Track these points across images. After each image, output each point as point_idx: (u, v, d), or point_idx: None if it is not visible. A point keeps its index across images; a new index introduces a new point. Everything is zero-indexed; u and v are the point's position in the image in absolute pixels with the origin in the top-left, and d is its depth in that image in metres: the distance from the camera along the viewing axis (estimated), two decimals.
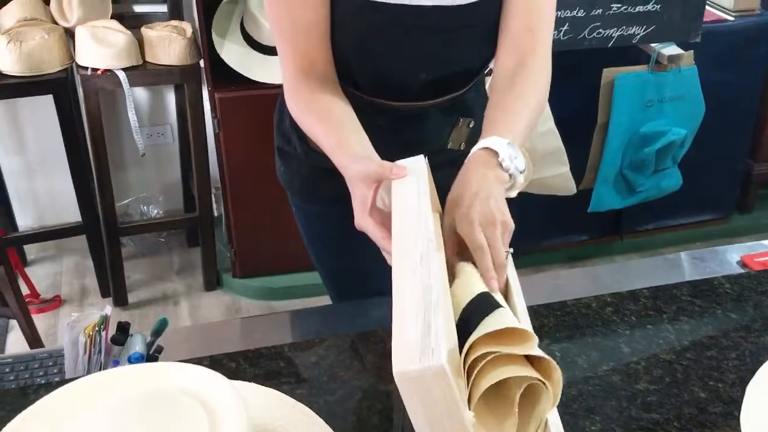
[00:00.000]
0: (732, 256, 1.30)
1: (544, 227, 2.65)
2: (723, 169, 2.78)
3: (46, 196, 2.79)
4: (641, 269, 1.34)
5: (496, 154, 0.97)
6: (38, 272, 2.74)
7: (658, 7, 2.21)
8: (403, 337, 0.69)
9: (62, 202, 2.71)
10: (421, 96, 1.18)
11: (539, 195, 2.29)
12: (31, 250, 2.81)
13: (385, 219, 0.96)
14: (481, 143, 1.00)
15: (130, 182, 2.84)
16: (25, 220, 2.79)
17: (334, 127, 1.07)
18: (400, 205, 0.91)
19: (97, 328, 0.99)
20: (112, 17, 2.41)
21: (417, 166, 0.97)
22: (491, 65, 1.22)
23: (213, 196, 2.63)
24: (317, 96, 1.10)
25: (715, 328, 1.06)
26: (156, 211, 2.84)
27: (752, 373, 0.87)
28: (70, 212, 2.61)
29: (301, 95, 1.11)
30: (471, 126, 1.29)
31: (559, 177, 2.26)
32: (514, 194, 1.01)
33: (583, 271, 1.46)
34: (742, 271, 1.25)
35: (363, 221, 0.97)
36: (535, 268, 2.66)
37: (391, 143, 1.08)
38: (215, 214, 2.67)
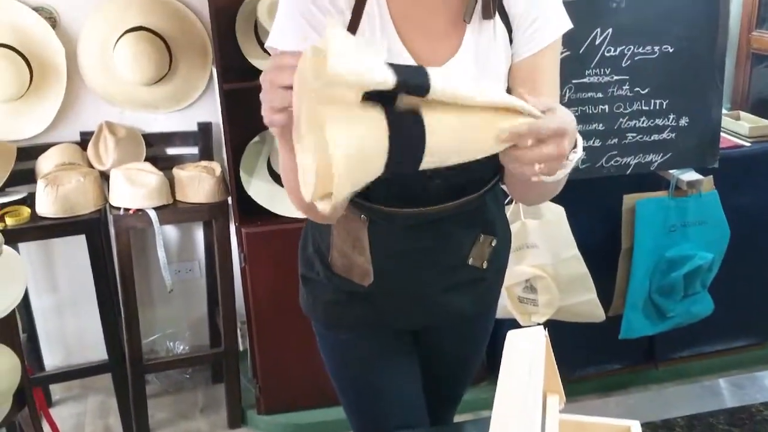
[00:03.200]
0: None
1: (575, 356, 2.58)
2: (756, 293, 2.73)
3: (74, 334, 2.80)
4: (677, 397, 1.29)
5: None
6: (62, 412, 2.70)
7: (673, 135, 2.27)
8: None
9: (89, 341, 2.72)
10: (435, 200, 1.18)
11: (568, 323, 2.26)
12: (56, 390, 2.79)
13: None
14: None
15: (158, 318, 2.85)
16: (52, 359, 2.79)
17: None
18: (508, 380, 0.80)
19: None
20: (145, 160, 2.53)
21: (535, 339, 0.87)
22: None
23: (239, 330, 2.62)
24: None
25: None
26: (182, 347, 2.83)
27: None
28: (96, 350, 2.62)
29: None
30: (493, 244, 1.29)
31: (586, 304, 2.23)
32: (564, 171, 0.98)
33: (617, 400, 1.40)
34: None
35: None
36: (568, 399, 2.56)
37: (409, 253, 1.07)
38: (240, 348, 2.65)
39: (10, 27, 2.41)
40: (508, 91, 1.19)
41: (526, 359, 0.82)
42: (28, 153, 2.49)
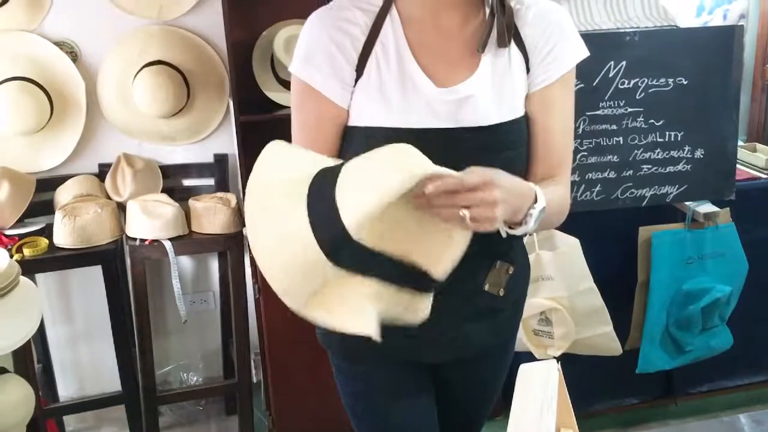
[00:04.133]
0: None
1: (591, 390, 2.55)
2: None
3: (89, 365, 2.81)
4: None
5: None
6: None
7: (689, 167, 2.26)
8: None
9: (104, 371, 2.72)
10: None
11: (584, 356, 2.23)
12: (69, 421, 2.78)
13: None
14: None
15: (172, 349, 2.85)
16: (66, 389, 2.79)
17: None
18: (520, 415, 0.82)
19: None
20: (162, 191, 2.55)
21: (548, 372, 0.90)
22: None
23: (252, 361, 2.62)
24: None
25: None
26: (195, 379, 2.82)
27: None
28: (111, 381, 2.61)
29: None
30: (510, 272, 1.29)
31: (602, 337, 2.21)
32: (522, 230, 1.11)
33: None
34: None
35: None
36: None
37: None
38: (254, 380, 2.64)
39: (32, 61, 2.45)
40: (527, 117, 1.21)
41: (539, 393, 0.82)
42: (47, 184, 2.52)
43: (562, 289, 2.14)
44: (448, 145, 1.16)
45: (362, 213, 0.91)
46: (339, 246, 0.94)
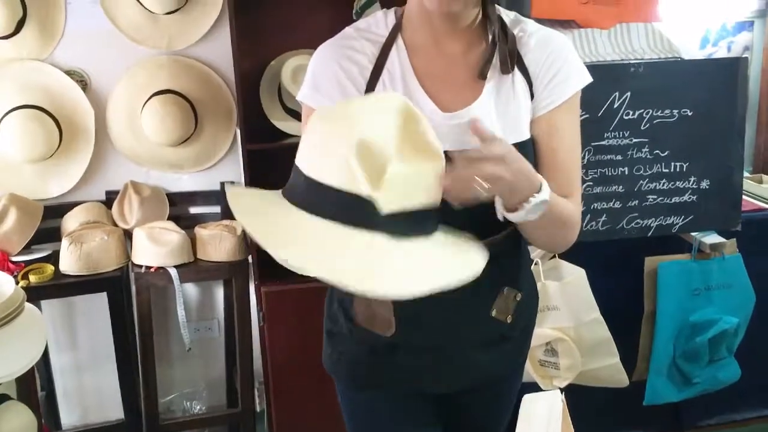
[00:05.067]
0: None
1: (598, 422, 2.50)
2: None
3: (92, 392, 2.79)
4: None
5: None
6: None
7: (695, 198, 2.25)
8: None
9: (107, 399, 2.70)
10: None
11: (590, 387, 2.21)
12: None
13: None
14: None
15: (175, 377, 2.84)
16: (69, 417, 2.78)
17: None
18: None
19: None
20: (169, 218, 2.56)
21: (551, 404, 0.92)
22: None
23: (256, 390, 2.60)
24: None
25: None
26: (199, 407, 2.80)
27: None
28: (114, 409, 2.60)
29: None
30: (518, 299, 1.28)
31: (608, 368, 2.19)
32: (517, 216, 1.10)
33: None
34: None
35: None
36: None
37: (430, 303, 1.08)
38: (258, 409, 2.62)
39: (42, 89, 2.48)
40: (533, 141, 1.23)
41: (543, 424, 0.83)
42: (55, 211, 2.53)
43: (568, 319, 2.13)
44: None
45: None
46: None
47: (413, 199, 0.98)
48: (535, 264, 2.11)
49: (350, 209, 0.96)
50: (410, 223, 1.00)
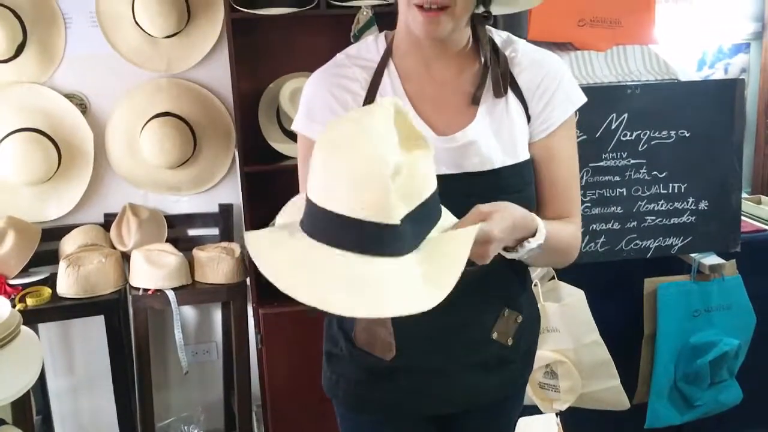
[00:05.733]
0: None
1: None
2: None
3: (89, 416, 2.77)
4: None
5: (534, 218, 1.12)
6: None
7: (693, 219, 2.25)
8: None
9: (103, 423, 2.68)
10: None
11: (591, 411, 2.19)
12: None
13: None
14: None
15: (172, 401, 2.81)
16: None
17: None
18: None
19: None
20: (167, 241, 2.56)
21: (547, 427, 0.94)
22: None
23: (254, 414, 2.58)
24: None
25: None
26: (196, 431, 2.77)
27: None
28: None
29: None
30: (518, 321, 1.28)
31: (609, 390, 2.17)
32: (514, 255, 1.12)
33: None
34: None
35: None
36: None
37: (431, 325, 1.08)
38: None
39: (42, 112, 2.49)
40: (532, 162, 1.23)
41: None
42: (53, 234, 2.53)
43: (567, 341, 2.12)
44: (452, 190, 1.16)
45: None
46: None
47: (422, 193, 0.99)
48: (534, 285, 2.10)
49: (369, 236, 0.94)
50: (423, 216, 0.99)
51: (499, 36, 1.26)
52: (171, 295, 2.32)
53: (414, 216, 0.96)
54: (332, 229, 0.94)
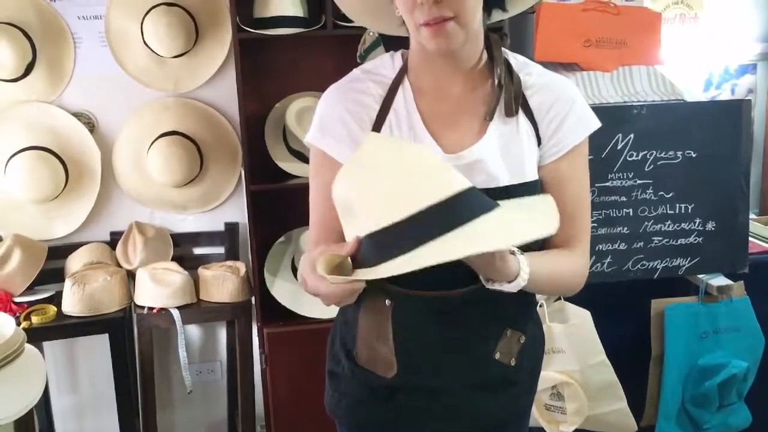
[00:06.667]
0: None
1: None
2: None
3: None
4: None
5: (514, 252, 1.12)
6: None
7: (700, 239, 2.24)
8: None
9: None
10: (461, 283, 1.19)
11: None
12: None
13: None
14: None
15: (177, 420, 2.80)
16: None
17: None
18: None
19: None
20: (173, 259, 2.56)
21: None
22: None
23: None
24: None
25: None
26: None
27: None
28: None
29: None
30: (521, 341, 1.27)
31: (616, 413, 2.15)
32: (496, 287, 1.13)
33: None
34: None
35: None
36: None
37: (432, 344, 1.07)
38: None
39: (50, 131, 2.51)
40: (543, 185, 1.24)
41: None
42: (59, 252, 2.54)
43: (573, 362, 2.10)
44: None
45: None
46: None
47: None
48: (540, 306, 2.09)
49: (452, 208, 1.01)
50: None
51: (515, 58, 1.27)
52: (176, 313, 2.32)
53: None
54: (418, 228, 1.00)
